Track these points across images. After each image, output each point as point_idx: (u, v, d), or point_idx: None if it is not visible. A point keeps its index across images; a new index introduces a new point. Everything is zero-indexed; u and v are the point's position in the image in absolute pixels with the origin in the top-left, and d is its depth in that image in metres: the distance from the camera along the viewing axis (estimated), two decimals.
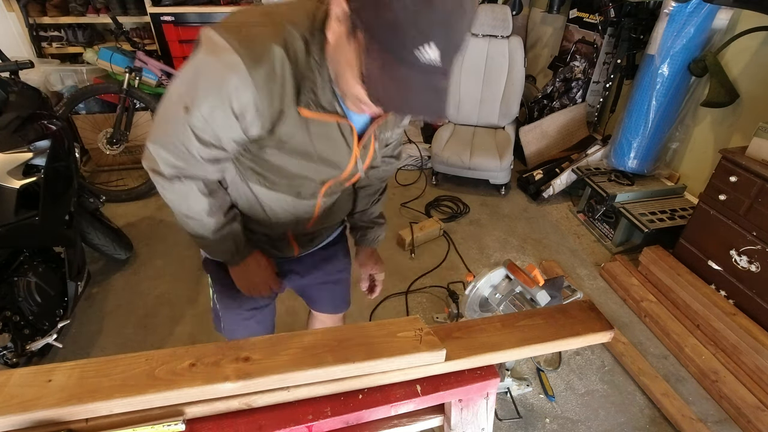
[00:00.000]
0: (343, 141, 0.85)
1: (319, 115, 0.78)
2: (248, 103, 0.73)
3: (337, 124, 0.82)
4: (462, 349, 0.76)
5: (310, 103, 0.77)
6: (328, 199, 1.02)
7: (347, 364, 0.69)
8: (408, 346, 0.72)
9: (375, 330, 0.75)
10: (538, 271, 1.29)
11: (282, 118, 0.77)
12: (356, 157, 0.90)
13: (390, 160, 1.18)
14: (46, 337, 1.67)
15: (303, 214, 1.01)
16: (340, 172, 0.92)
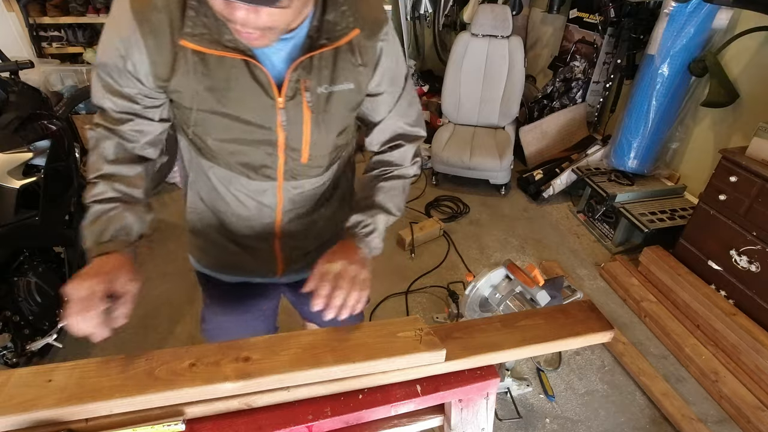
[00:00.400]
0: (258, 88, 0.73)
1: (215, 50, 0.69)
2: (130, 38, 0.68)
3: (246, 65, 0.71)
4: (462, 349, 0.76)
5: (199, 35, 0.68)
6: (294, 186, 0.88)
7: (347, 364, 0.69)
8: (408, 346, 0.72)
9: (375, 330, 0.75)
10: (538, 271, 1.29)
11: (178, 60, 0.70)
12: (281, 110, 0.76)
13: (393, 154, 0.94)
14: (46, 337, 1.67)
15: (266, 201, 0.89)
16: (272, 135, 0.79)
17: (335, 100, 0.80)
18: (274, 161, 0.83)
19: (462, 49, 3.27)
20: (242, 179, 0.86)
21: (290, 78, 0.74)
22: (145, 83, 0.74)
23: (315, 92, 0.77)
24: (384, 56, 0.82)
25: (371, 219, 0.85)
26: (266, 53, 0.73)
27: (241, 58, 0.71)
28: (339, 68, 0.77)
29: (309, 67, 0.75)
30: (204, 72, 0.72)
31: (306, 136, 0.81)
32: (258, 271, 1.03)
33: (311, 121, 0.80)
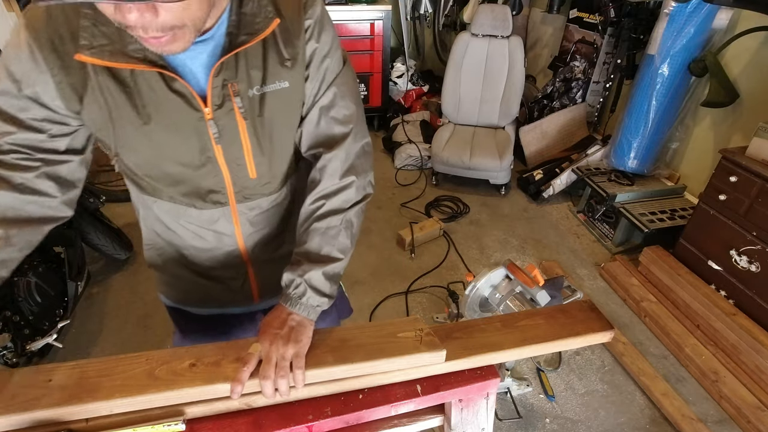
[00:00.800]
0: (179, 101, 0.65)
1: (118, 63, 0.60)
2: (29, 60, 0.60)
3: (161, 77, 0.63)
4: (462, 349, 0.76)
5: (99, 48, 0.59)
6: (249, 208, 0.80)
7: (347, 364, 0.69)
8: (408, 346, 0.72)
9: (375, 330, 0.76)
10: (538, 271, 1.29)
11: (87, 79, 0.62)
12: (211, 121, 0.68)
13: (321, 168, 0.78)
14: (46, 337, 1.67)
15: (222, 229, 0.81)
16: (209, 152, 0.71)
17: (270, 102, 0.71)
18: (219, 183, 0.75)
19: (462, 49, 3.27)
20: (190, 211, 0.78)
21: (214, 84, 0.66)
22: (53, 108, 0.64)
23: (246, 96, 0.69)
24: (309, 40, 0.72)
25: (302, 277, 0.72)
26: (183, 60, 0.65)
27: (153, 69, 0.61)
28: (270, 66, 0.69)
29: (234, 68, 0.67)
30: (118, 89, 0.63)
31: (246, 146, 0.72)
32: (233, 301, 0.95)
33: (247, 128, 0.71)
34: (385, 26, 3.60)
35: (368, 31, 3.62)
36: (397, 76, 4.05)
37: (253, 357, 0.67)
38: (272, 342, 0.67)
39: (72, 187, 0.73)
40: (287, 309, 0.72)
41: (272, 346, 0.67)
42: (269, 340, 0.68)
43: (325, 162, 0.77)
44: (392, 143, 3.69)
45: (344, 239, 0.77)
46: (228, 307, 0.98)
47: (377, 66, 3.76)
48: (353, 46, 3.66)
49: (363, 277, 2.42)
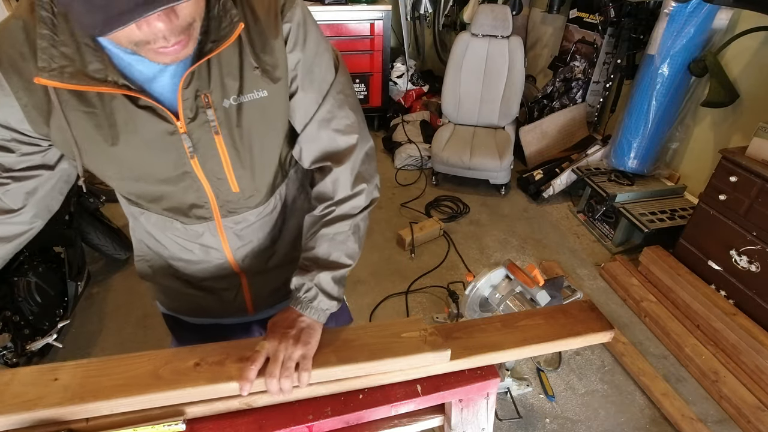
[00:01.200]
0: (149, 116, 0.62)
1: (78, 86, 0.57)
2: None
3: (127, 98, 0.61)
4: (462, 349, 0.76)
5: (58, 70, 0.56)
6: (235, 222, 0.78)
7: (351, 364, 0.69)
8: (412, 346, 0.72)
9: (378, 330, 0.76)
10: (538, 271, 1.29)
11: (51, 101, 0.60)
12: (184, 135, 0.65)
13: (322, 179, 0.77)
14: (46, 337, 1.67)
15: (208, 243, 0.80)
16: (186, 167, 0.68)
17: (248, 113, 0.67)
18: (202, 198, 0.73)
19: (462, 49, 3.27)
20: (176, 224, 0.76)
21: (184, 96, 0.62)
22: (22, 131, 0.63)
23: (221, 107, 0.65)
24: (293, 48, 0.68)
25: (312, 281, 0.73)
26: (148, 74, 0.61)
27: (114, 91, 0.58)
28: (246, 74, 0.65)
29: (207, 77, 0.63)
30: (85, 109, 0.60)
31: (224, 159, 0.69)
32: (227, 313, 0.94)
33: (225, 141, 0.68)
34: (385, 26, 3.60)
35: (368, 31, 3.62)
36: (397, 76, 4.05)
37: (260, 355, 0.66)
38: (281, 341, 0.67)
39: (40, 202, 0.72)
40: (297, 311, 0.72)
41: (281, 345, 0.67)
42: (278, 339, 0.68)
43: (337, 175, 0.76)
44: (392, 143, 3.69)
45: (352, 244, 0.77)
46: (221, 317, 0.97)
47: (377, 66, 3.76)
48: (353, 46, 3.66)
49: (363, 277, 2.42)
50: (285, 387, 0.66)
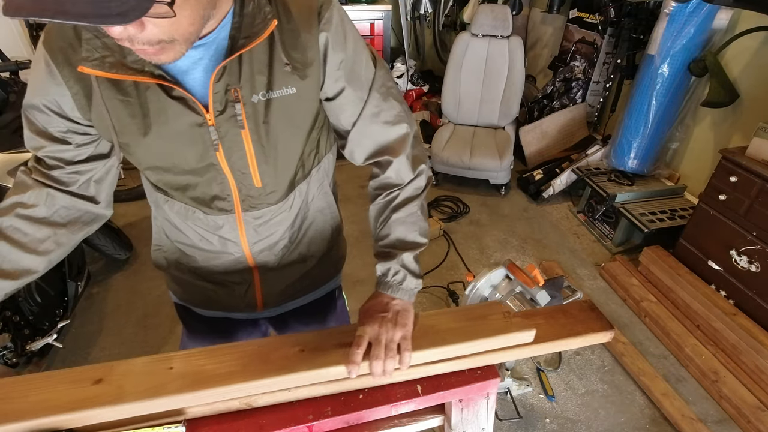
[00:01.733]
0: (180, 107, 0.65)
1: (117, 75, 0.61)
2: (48, 73, 0.63)
3: (161, 86, 0.64)
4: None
5: (100, 59, 0.60)
6: (255, 217, 0.79)
7: (446, 346, 0.71)
8: (501, 327, 0.75)
9: (464, 314, 0.78)
10: (538, 271, 1.29)
11: (93, 89, 0.64)
12: (212, 127, 0.67)
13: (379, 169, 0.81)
14: (46, 337, 1.67)
15: (227, 236, 0.81)
16: (211, 159, 0.70)
17: (276, 109, 0.69)
18: (225, 190, 0.74)
19: (462, 49, 3.27)
20: (198, 213, 0.78)
21: (215, 89, 0.64)
22: (73, 118, 0.68)
23: (249, 102, 0.67)
24: (331, 49, 0.69)
25: (399, 264, 0.76)
26: (184, 66, 0.64)
27: (150, 81, 0.62)
28: (276, 71, 0.67)
29: (237, 73, 0.65)
30: (121, 98, 0.64)
31: (249, 153, 0.71)
32: (236, 307, 0.95)
33: (251, 136, 0.69)
34: (385, 26, 3.60)
35: (368, 31, 3.62)
36: (397, 76, 4.05)
37: (364, 339, 0.69)
38: (381, 325, 0.71)
39: (109, 188, 0.79)
40: (389, 295, 0.76)
41: (381, 329, 0.70)
42: (378, 324, 0.71)
43: (398, 166, 0.79)
44: None
45: (423, 223, 0.81)
46: (232, 312, 0.98)
47: None
48: None
49: (363, 277, 2.42)
50: (389, 368, 0.68)
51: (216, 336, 1.02)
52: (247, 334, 1.05)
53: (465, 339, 0.72)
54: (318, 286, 1.01)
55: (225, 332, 1.03)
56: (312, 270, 0.95)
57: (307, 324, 1.03)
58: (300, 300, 1.00)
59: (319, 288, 1.01)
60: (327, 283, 1.03)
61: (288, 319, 1.03)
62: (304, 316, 1.03)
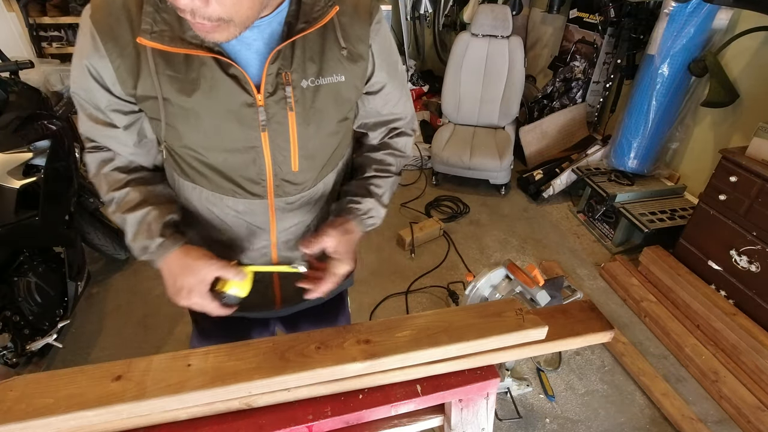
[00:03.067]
0: (232, 86, 0.67)
1: (176, 48, 0.63)
2: (93, 48, 0.65)
3: (216, 62, 0.65)
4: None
5: (159, 33, 0.62)
6: (287, 203, 0.81)
7: (462, 342, 0.72)
8: (514, 324, 0.76)
9: (479, 311, 0.79)
10: (538, 271, 1.29)
11: (141, 62, 0.65)
12: (261, 108, 0.69)
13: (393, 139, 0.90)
14: (46, 337, 1.67)
15: (257, 222, 0.81)
16: (255, 140, 0.72)
17: (323, 95, 0.72)
18: (261, 173, 0.75)
19: (462, 49, 3.27)
20: (228, 200, 0.78)
21: (268, 71, 0.67)
22: (114, 92, 0.69)
23: (299, 86, 0.69)
24: (379, 47, 0.76)
25: (366, 202, 0.83)
26: (239, 46, 0.66)
27: (208, 55, 0.64)
28: (327, 59, 0.70)
29: (290, 57, 0.68)
30: (170, 73, 0.65)
31: (293, 136, 0.73)
32: (253, 305, 0.93)
33: (297, 119, 0.71)
34: None
35: None
36: None
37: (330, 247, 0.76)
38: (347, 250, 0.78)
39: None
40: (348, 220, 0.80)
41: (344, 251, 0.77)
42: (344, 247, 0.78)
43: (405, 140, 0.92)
44: None
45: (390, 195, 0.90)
46: (248, 311, 0.96)
47: None
48: None
49: (363, 276, 2.42)
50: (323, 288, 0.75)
51: (227, 337, 1.01)
52: (258, 334, 1.06)
53: (481, 336, 0.73)
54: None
55: (237, 333, 1.02)
56: None
57: (317, 324, 1.03)
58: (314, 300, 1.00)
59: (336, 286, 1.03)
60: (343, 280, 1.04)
61: (299, 319, 1.05)
62: (315, 317, 1.04)
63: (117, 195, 0.76)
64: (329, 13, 0.68)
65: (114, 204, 0.76)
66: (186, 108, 0.68)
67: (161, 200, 0.77)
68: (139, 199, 0.75)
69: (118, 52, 0.65)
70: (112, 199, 0.76)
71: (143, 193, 0.76)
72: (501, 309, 0.79)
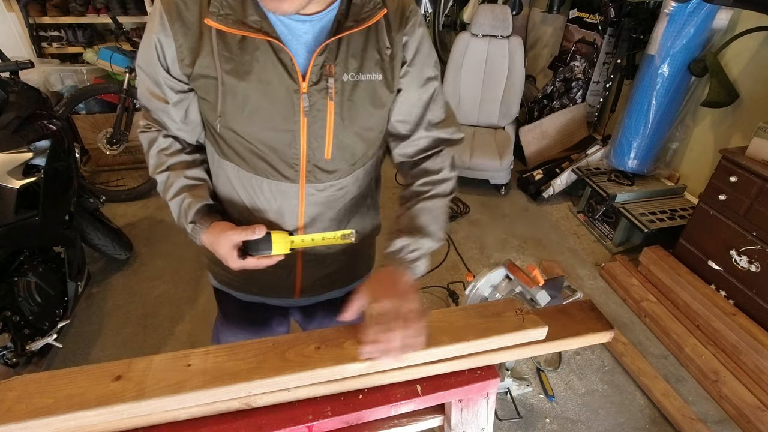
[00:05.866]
0: (281, 71, 0.72)
1: (238, 30, 0.69)
2: (160, 26, 0.71)
3: (270, 46, 0.71)
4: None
5: (224, 16, 0.69)
6: (318, 189, 0.84)
7: (462, 342, 0.72)
8: (514, 324, 0.76)
9: (479, 311, 0.79)
10: (538, 271, 1.29)
11: (202, 42, 0.71)
12: (304, 95, 0.73)
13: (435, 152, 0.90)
14: (46, 337, 1.67)
15: (287, 206, 0.85)
16: (294, 124, 0.76)
17: (361, 90, 0.77)
18: (295, 157, 0.79)
19: (462, 49, 3.27)
20: (263, 181, 0.82)
21: (315, 62, 0.72)
22: (171, 70, 0.75)
23: (340, 79, 0.75)
24: (411, 51, 0.79)
25: (417, 243, 0.78)
26: (291, 36, 0.72)
27: (265, 38, 0.70)
28: (367, 57, 0.76)
29: (335, 52, 0.73)
30: (227, 55, 0.71)
31: (329, 125, 0.78)
32: (274, 291, 0.99)
33: (335, 109, 0.76)
34: None
35: None
36: None
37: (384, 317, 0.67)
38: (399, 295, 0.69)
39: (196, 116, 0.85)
40: (399, 271, 0.75)
41: (401, 300, 0.69)
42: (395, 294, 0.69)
43: (442, 156, 0.91)
44: None
45: (443, 223, 0.86)
46: (268, 297, 1.01)
47: None
48: None
49: None
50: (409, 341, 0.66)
51: (249, 322, 1.07)
52: (279, 323, 1.10)
53: (481, 336, 0.73)
54: (353, 280, 1.05)
55: (258, 319, 1.07)
56: (349, 263, 1.00)
57: (333, 318, 1.04)
58: (334, 293, 1.04)
59: (353, 283, 1.06)
60: (360, 279, 1.07)
61: (317, 311, 1.08)
62: (332, 310, 1.06)
63: (159, 178, 0.86)
64: (377, 15, 0.74)
65: (159, 186, 0.87)
66: (236, 87, 0.73)
67: (196, 185, 0.86)
68: (177, 187, 0.84)
69: (183, 31, 0.71)
70: (156, 181, 0.87)
71: (180, 179, 0.84)
72: (501, 309, 0.79)
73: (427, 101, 0.85)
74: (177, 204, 0.84)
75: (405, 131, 0.88)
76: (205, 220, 0.82)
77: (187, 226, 0.83)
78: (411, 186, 0.88)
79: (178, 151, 0.87)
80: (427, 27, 1.05)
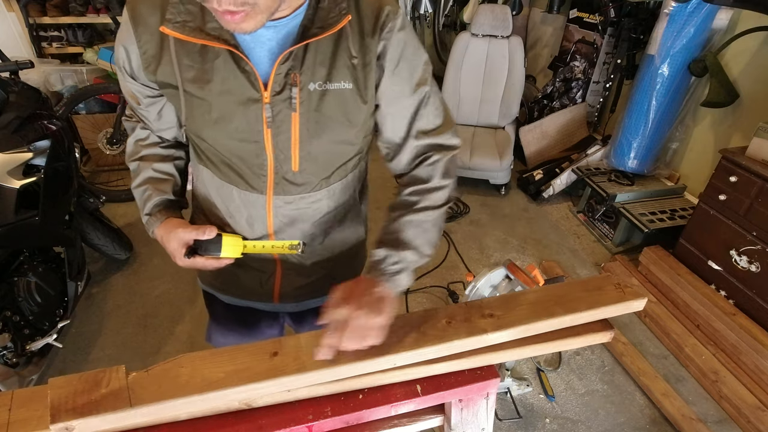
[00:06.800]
0: (242, 80, 0.69)
1: (196, 38, 0.66)
2: (127, 32, 0.71)
3: (231, 55, 0.68)
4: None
5: (181, 23, 0.66)
6: (286, 201, 0.81)
7: (576, 313, 0.76)
8: (617, 296, 0.80)
9: (582, 286, 0.83)
10: (538, 271, 1.29)
11: (163, 50, 0.70)
12: (267, 105, 0.71)
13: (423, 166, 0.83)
14: (46, 337, 1.67)
15: (255, 215, 0.83)
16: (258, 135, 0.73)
17: (330, 100, 0.72)
18: (262, 168, 0.77)
19: (462, 49, 3.27)
20: (233, 189, 0.81)
21: (278, 70, 0.69)
22: (135, 73, 0.75)
23: (306, 88, 0.71)
24: (389, 58, 0.73)
25: (399, 256, 0.74)
26: (253, 44, 0.69)
27: (225, 47, 0.67)
28: (337, 65, 0.71)
29: (301, 60, 0.69)
30: (187, 63, 0.69)
31: (294, 137, 0.74)
32: (254, 295, 0.97)
33: (300, 120, 0.72)
34: None
35: None
36: None
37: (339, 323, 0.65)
38: (361, 306, 0.65)
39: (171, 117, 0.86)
40: (376, 282, 0.71)
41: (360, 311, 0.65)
42: (358, 304, 0.65)
43: (431, 163, 0.83)
44: None
45: (433, 237, 0.80)
46: (250, 300, 1.01)
47: None
48: None
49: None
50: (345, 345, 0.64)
51: (238, 324, 1.07)
52: (268, 326, 1.09)
53: (590, 307, 0.77)
54: None
55: (247, 323, 1.07)
56: (333, 273, 0.96)
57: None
58: (319, 300, 1.00)
59: None
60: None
61: (307, 316, 1.07)
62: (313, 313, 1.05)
63: (131, 166, 0.88)
64: (342, 21, 0.69)
65: (131, 173, 0.88)
66: (198, 97, 0.71)
67: (161, 179, 0.86)
68: (143, 178, 0.85)
69: (147, 38, 0.70)
70: (130, 168, 0.89)
71: (147, 170, 0.85)
72: (601, 284, 0.83)
73: (416, 108, 0.80)
74: (139, 194, 0.86)
75: (397, 140, 0.82)
76: (162, 215, 0.83)
77: (143, 218, 0.84)
78: (400, 195, 0.83)
79: (154, 144, 0.88)
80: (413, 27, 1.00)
